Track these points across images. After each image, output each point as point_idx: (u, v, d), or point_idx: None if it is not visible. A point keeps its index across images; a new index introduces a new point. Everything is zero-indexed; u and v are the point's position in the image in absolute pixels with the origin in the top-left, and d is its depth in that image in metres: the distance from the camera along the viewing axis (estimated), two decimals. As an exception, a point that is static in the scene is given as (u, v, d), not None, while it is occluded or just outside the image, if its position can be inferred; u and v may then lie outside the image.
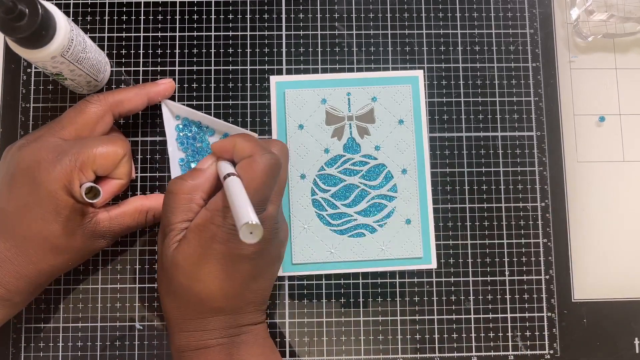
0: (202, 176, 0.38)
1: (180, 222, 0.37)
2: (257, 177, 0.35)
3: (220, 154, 0.38)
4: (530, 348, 0.45)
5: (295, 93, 0.47)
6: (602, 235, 0.47)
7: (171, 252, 0.36)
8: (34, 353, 0.44)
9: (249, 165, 0.36)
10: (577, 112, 0.48)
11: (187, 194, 0.37)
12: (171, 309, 0.38)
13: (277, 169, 0.36)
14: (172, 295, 0.37)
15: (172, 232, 0.37)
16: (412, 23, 0.48)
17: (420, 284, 0.46)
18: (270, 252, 0.38)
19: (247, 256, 0.36)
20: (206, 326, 0.37)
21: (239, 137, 0.37)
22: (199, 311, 0.37)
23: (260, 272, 0.38)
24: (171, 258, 0.36)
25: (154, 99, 0.44)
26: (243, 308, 0.38)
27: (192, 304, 0.37)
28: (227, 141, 0.38)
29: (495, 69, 0.48)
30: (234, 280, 0.36)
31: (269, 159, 0.36)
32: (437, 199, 0.46)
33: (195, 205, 0.37)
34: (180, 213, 0.37)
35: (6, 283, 0.37)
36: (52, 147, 0.38)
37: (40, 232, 0.37)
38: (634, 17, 0.49)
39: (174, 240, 0.36)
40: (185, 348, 0.37)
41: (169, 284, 0.37)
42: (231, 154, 0.38)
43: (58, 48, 0.36)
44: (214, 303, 0.37)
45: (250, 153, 0.36)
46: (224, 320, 0.37)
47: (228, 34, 0.47)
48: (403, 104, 0.47)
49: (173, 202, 0.37)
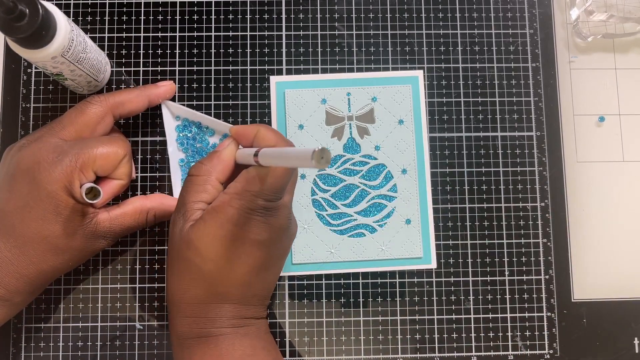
0: (217, 159, 0.38)
1: (194, 202, 0.37)
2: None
3: (240, 139, 0.39)
4: (530, 348, 0.45)
5: (295, 93, 0.47)
6: (602, 235, 0.47)
7: (186, 231, 0.36)
8: (34, 353, 0.44)
9: None
10: (577, 112, 0.48)
11: (203, 176, 0.38)
12: (176, 291, 0.37)
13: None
14: (179, 275, 0.37)
15: (187, 212, 0.37)
16: (412, 23, 0.48)
17: (420, 284, 0.46)
18: (283, 243, 0.38)
19: (262, 242, 0.36)
20: (209, 313, 0.37)
21: (262, 126, 0.38)
22: (204, 294, 0.37)
23: (270, 263, 0.38)
24: (185, 236, 0.36)
25: (155, 101, 0.44)
26: (249, 299, 0.38)
27: (199, 285, 0.36)
28: (250, 128, 0.38)
29: (495, 69, 0.48)
30: (244, 266, 0.36)
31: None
32: (437, 199, 0.46)
33: (210, 186, 0.38)
34: (195, 193, 0.37)
35: (6, 283, 0.37)
36: (53, 148, 0.38)
37: (41, 233, 0.37)
38: (633, 17, 0.49)
39: (190, 220, 0.37)
40: (187, 335, 0.37)
41: (179, 263, 0.37)
42: (251, 140, 0.38)
43: (58, 48, 0.36)
44: (221, 287, 0.36)
45: (275, 143, 0.37)
46: (228, 310, 0.37)
47: (228, 34, 0.48)
48: (403, 104, 0.47)
49: (189, 183, 0.38)
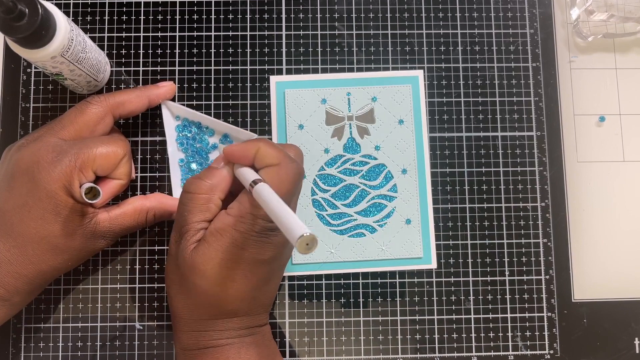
0: (219, 176, 0.37)
1: (197, 222, 0.36)
2: (285, 187, 0.35)
3: (238, 159, 0.37)
4: (530, 348, 0.45)
5: (295, 93, 0.47)
6: (602, 235, 0.47)
7: (189, 254, 0.36)
8: (34, 353, 0.44)
9: (277, 174, 0.35)
10: (577, 112, 0.48)
11: (205, 194, 0.36)
12: (182, 309, 0.37)
13: (302, 178, 0.37)
14: (185, 296, 0.37)
15: (189, 232, 0.36)
16: (412, 23, 0.48)
17: (420, 284, 0.46)
18: (284, 256, 0.38)
19: (266, 261, 0.36)
20: (216, 327, 0.37)
21: (262, 142, 0.36)
22: (213, 313, 0.37)
23: (273, 275, 0.38)
24: (189, 260, 0.35)
25: (155, 101, 0.44)
26: (254, 310, 0.38)
27: (206, 306, 0.36)
28: (248, 146, 0.36)
29: (495, 69, 0.48)
30: (251, 284, 0.36)
31: (296, 168, 0.36)
32: (437, 199, 0.46)
33: (213, 205, 0.36)
34: (198, 213, 0.36)
35: (5, 283, 0.37)
36: (52, 147, 0.38)
37: (40, 232, 0.37)
38: (634, 17, 0.49)
39: (192, 241, 0.36)
40: (192, 347, 0.37)
41: (183, 284, 0.37)
42: (251, 160, 0.36)
43: (58, 48, 0.36)
44: (230, 306, 0.36)
45: (278, 161, 0.35)
46: (236, 322, 0.37)
47: (228, 34, 0.47)
48: (403, 104, 0.47)
49: (191, 202, 0.36)
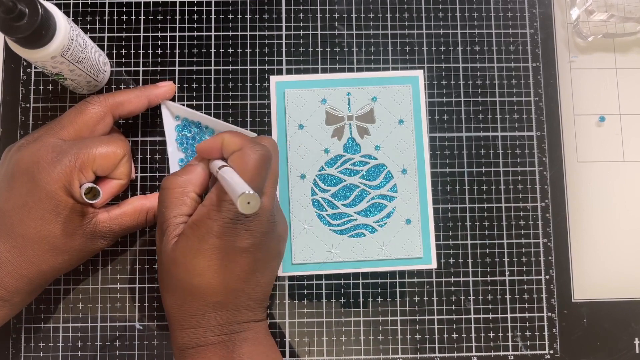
0: (193, 171, 0.38)
1: (175, 217, 0.37)
2: (249, 168, 0.36)
3: (209, 154, 0.39)
4: (530, 348, 0.45)
5: (295, 93, 0.47)
6: (602, 235, 0.47)
7: (170, 248, 0.37)
8: (34, 353, 0.44)
9: (240, 157, 0.36)
10: (577, 112, 0.48)
11: (180, 188, 0.38)
12: (172, 306, 0.38)
13: (268, 159, 0.37)
14: (172, 291, 0.37)
15: (169, 227, 0.37)
16: (412, 23, 0.48)
17: (420, 284, 0.46)
18: (269, 247, 0.38)
19: (245, 249, 0.36)
20: (206, 322, 0.37)
21: (226, 133, 0.38)
22: (198, 306, 0.37)
23: (260, 267, 0.38)
24: (171, 254, 0.37)
25: (155, 101, 0.44)
26: (243, 304, 0.38)
27: (191, 299, 0.37)
28: (214, 140, 0.38)
29: (495, 69, 0.48)
30: (232, 274, 0.37)
31: (260, 150, 0.36)
32: (437, 199, 0.46)
33: (188, 198, 0.38)
34: (175, 207, 0.37)
35: (6, 283, 0.37)
36: (52, 148, 0.38)
37: (40, 233, 0.37)
38: (634, 17, 0.49)
39: (172, 236, 0.37)
40: (187, 345, 0.37)
41: (169, 280, 0.37)
42: (220, 152, 0.38)
43: (58, 48, 0.36)
44: (214, 297, 0.37)
45: (240, 146, 0.37)
46: (224, 316, 0.37)
47: (228, 34, 0.47)
48: (403, 104, 0.47)
49: (167, 197, 0.38)
